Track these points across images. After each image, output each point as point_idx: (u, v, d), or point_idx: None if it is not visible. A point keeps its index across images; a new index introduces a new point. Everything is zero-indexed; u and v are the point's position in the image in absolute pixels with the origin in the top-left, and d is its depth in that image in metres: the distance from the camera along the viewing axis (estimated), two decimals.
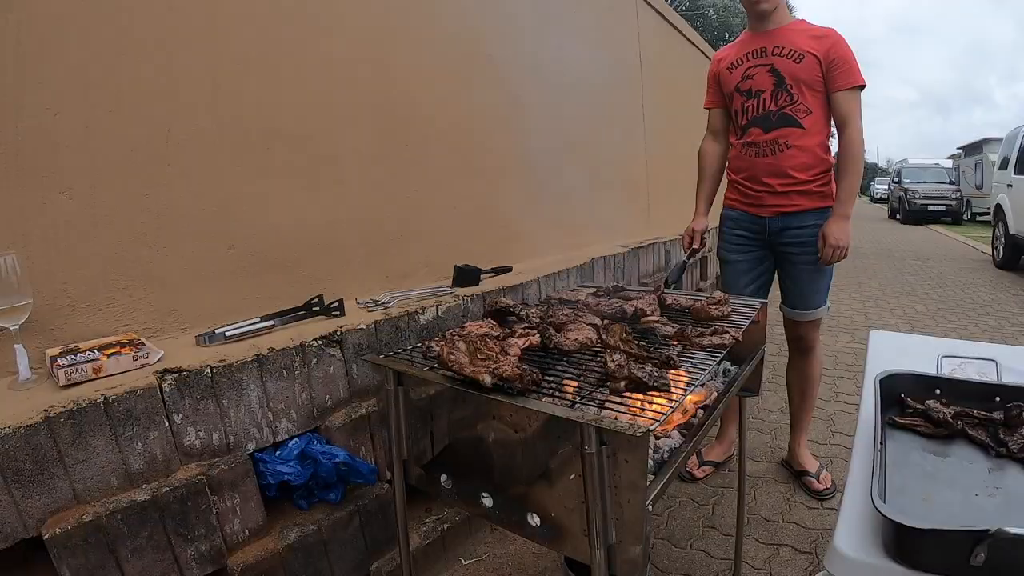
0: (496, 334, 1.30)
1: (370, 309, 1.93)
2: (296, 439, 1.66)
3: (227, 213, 1.78)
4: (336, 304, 1.84)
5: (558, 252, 3.27)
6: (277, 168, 1.89)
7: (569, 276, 2.81)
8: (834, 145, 2.22)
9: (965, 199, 17.98)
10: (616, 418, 0.98)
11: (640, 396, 1.11)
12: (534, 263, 2.97)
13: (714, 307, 1.54)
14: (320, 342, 1.68)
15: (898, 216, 19.41)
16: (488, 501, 1.17)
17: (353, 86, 2.10)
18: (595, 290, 1.92)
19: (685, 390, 1.11)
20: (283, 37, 1.88)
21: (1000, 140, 13.31)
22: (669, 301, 1.69)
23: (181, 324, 1.72)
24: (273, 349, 1.58)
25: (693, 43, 5.81)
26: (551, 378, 1.20)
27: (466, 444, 1.19)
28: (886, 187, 26.05)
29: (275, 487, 1.59)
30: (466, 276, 2.32)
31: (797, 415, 2.60)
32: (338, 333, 1.73)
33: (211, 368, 1.46)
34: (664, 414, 0.98)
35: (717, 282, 5.61)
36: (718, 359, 1.26)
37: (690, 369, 1.22)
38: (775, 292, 2.51)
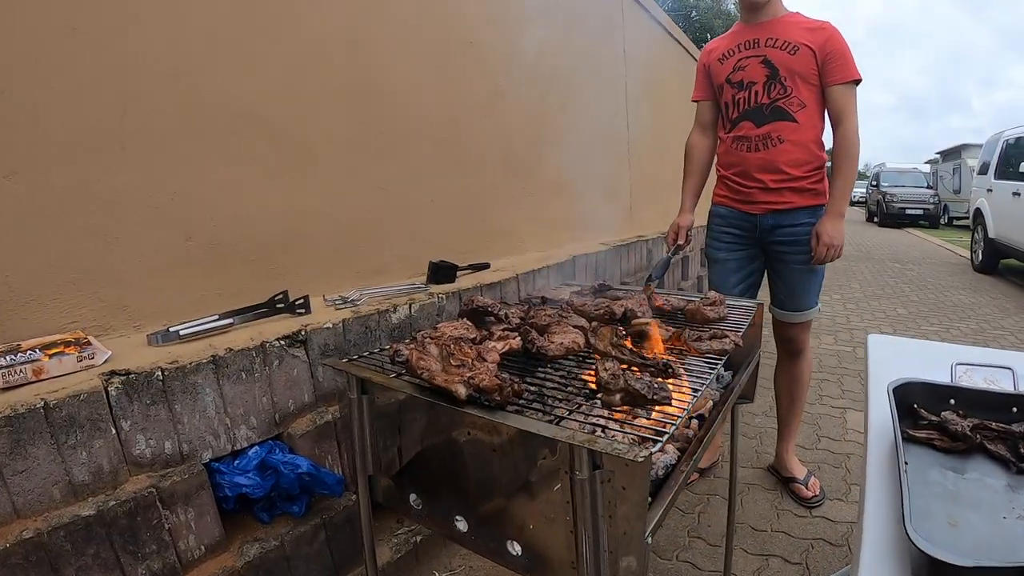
0: (472, 336, 1.20)
1: (338, 307, 1.83)
2: (256, 447, 1.55)
3: (186, 201, 1.67)
4: (301, 301, 1.74)
5: (538, 249, 3.21)
6: (241, 153, 1.78)
7: (549, 274, 2.74)
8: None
9: (943, 203, 18.66)
10: (612, 437, 0.90)
11: (638, 411, 1.02)
12: (513, 260, 2.90)
13: (709, 308, 1.46)
14: (283, 342, 1.58)
15: (876, 219, 19.89)
16: (463, 524, 1.08)
17: (326, 68, 2.00)
18: (580, 289, 1.84)
19: (688, 404, 1.02)
20: (251, 12, 1.77)
21: (978, 146, 13.69)
22: (660, 302, 1.61)
23: (134, 321, 1.60)
24: (231, 350, 1.48)
25: (678, 40, 5.78)
26: (534, 387, 1.11)
27: (439, 461, 1.09)
28: (864, 190, 26.61)
29: (233, 500, 1.49)
30: (442, 273, 2.24)
31: (785, 420, 2.55)
32: (302, 333, 1.62)
33: (162, 370, 1.36)
34: (667, 432, 0.89)
35: (699, 282, 5.63)
36: (719, 366, 1.18)
37: (690, 377, 1.14)
38: (763, 292, 2.46)
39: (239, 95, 1.77)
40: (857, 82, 2.07)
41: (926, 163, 24.99)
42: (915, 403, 1.01)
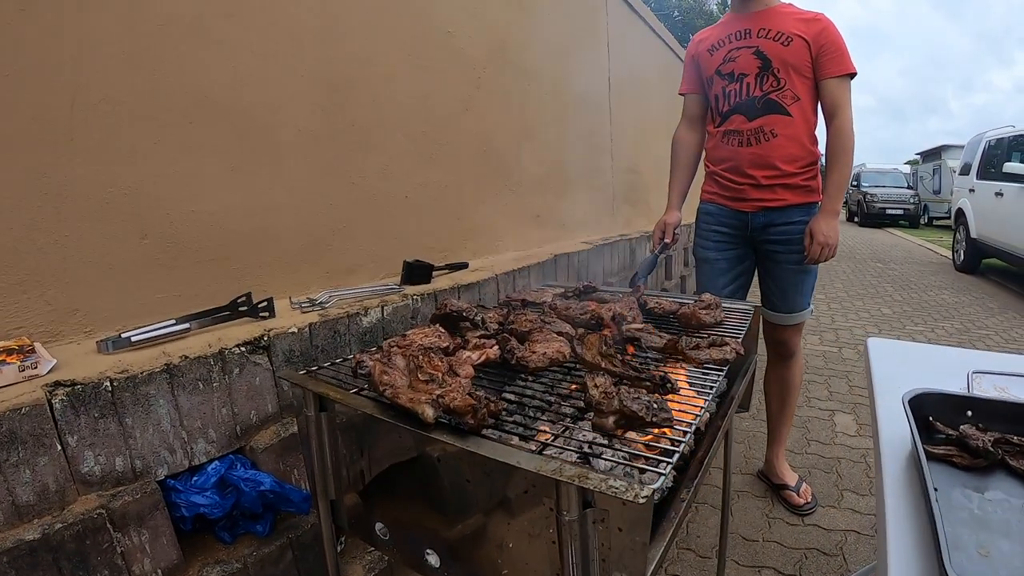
0: (444, 345, 1.11)
1: (304, 310, 1.74)
2: (216, 463, 1.46)
3: (141, 196, 1.56)
4: (265, 304, 1.64)
5: (518, 248, 3.13)
6: (202, 145, 1.68)
7: (530, 274, 2.67)
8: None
9: (923, 203, 19.17)
10: (608, 469, 0.81)
11: (634, 433, 0.92)
12: (492, 259, 2.83)
13: (705, 312, 1.38)
14: (243, 349, 1.48)
15: (856, 219, 20.21)
16: (434, 559, 0.99)
17: (294, 55, 1.90)
18: (563, 290, 1.76)
19: (691, 427, 0.93)
20: None
21: (958, 147, 13.99)
22: (651, 304, 1.53)
23: (85, 326, 1.50)
24: (186, 357, 1.38)
25: (661, 37, 5.75)
26: (514, 404, 1.02)
27: (408, 488, 1.00)
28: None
29: (191, 520, 1.39)
30: (416, 273, 2.15)
31: (776, 425, 2.50)
32: (265, 338, 1.53)
33: (111, 380, 1.26)
34: (669, 462, 0.81)
35: (683, 282, 5.61)
36: (721, 377, 1.10)
37: (689, 391, 1.07)
38: (753, 294, 2.41)
39: (200, 83, 1.66)
40: (852, 75, 2.03)
41: (906, 164, 25.54)
42: (930, 415, 0.95)
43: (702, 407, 0.99)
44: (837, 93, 2.03)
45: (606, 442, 0.90)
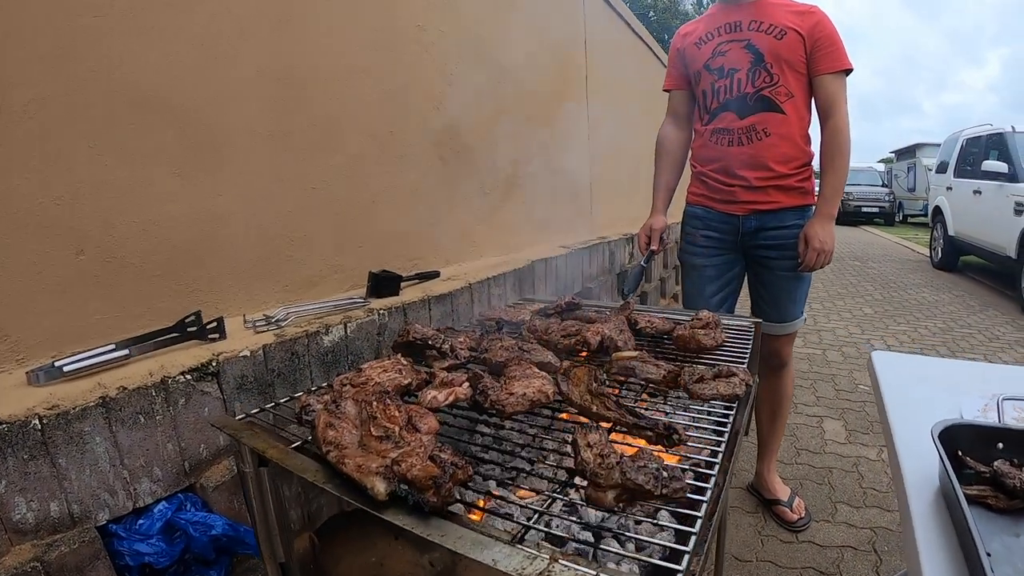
0: (407, 383, 0.98)
1: (259, 329, 1.61)
2: (162, 504, 1.34)
3: (76, 207, 1.43)
4: (214, 324, 1.51)
5: (493, 254, 3.04)
6: (143, 149, 1.55)
7: (506, 281, 2.57)
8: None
9: (898, 201, 19.73)
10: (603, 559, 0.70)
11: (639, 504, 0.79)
12: (465, 267, 2.73)
13: (704, 334, 1.26)
14: (189, 376, 1.35)
15: None
16: None
17: (248, 47, 1.77)
18: (543, 306, 1.65)
19: (708, 495, 0.80)
20: None
21: (933, 145, 14.30)
22: (642, 323, 1.41)
23: (16, 354, 1.36)
24: (124, 388, 1.25)
25: (639, 35, 5.70)
26: (488, 461, 0.90)
27: (366, 561, 0.87)
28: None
29: (136, 570, 1.27)
30: (383, 284, 2.04)
31: (766, 437, 2.44)
32: (214, 363, 1.40)
33: (40, 418, 1.14)
34: (685, 551, 0.69)
35: (662, 285, 5.56)
36: (731, 419, 0.99)
37: (696, 436, 0.96)
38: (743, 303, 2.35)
39: (140, 79, 1.53)
40: (848, 72, 1.97)
41: (880, 162, 26.10)
42: (959, 449, 0.87)
43: (715, 462, 0.87)
44: (832, 90, 1.96)
45: (601, 517, 0.77)
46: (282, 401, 1.05)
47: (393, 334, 1.88)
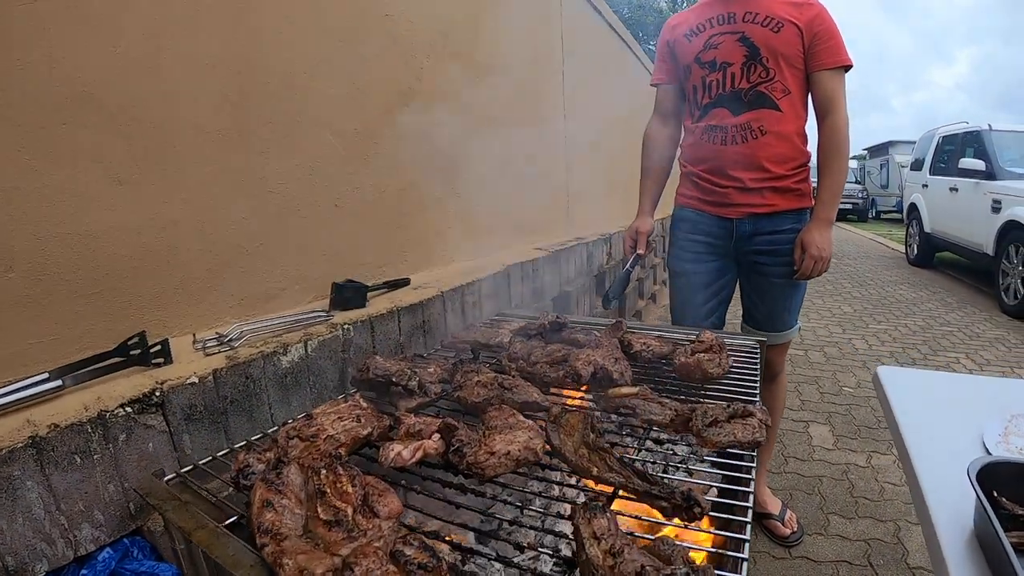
0: (366, 432, 0.85)
1: (209, 351, 1.48)
2: (107, 551, 1.21)
3: (2, 219, 1.29)
4: (159, 347, 1.38)
5: (467, 258, 2.94)
6: (78, 151, 1.41)
7: (481, 288, 2.47)
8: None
9: (871, 198, 20.18)
10: None
11: None
12: (437, 272, 2.63)
13: (709, 360, 1.15)
14: (130, 408, 1.22)
15: None
16: None
17: (196, 37, 1.64)
18: (523, 325, 1.53)
19: None
20: None
21: (906, 142, 14.60)
22: (636, 346, 1.30)
23: None
24: (56, 426, 1.12)
25: (616, 31, 5.64)
26: (462, 547, 0.78)
27: None
28: None
29: None
30: (348, 295, 1.92)
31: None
32: (157, 392, 1.27)
33: None
34: None
35: (639, 285, 5.50)
36: (753, 470, 0.89)
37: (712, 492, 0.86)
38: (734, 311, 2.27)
39: (76, 73, 1.39)
40: (847, 68, 1.91)
41: (853, 159, 26.69)
42: (994, 489, 0.80)
43: (746, 540, 0.76)
44: (831, 87, 1.90)
45: None
46: (220, 455, 0.91)
47: (359, 350, 1.76)
